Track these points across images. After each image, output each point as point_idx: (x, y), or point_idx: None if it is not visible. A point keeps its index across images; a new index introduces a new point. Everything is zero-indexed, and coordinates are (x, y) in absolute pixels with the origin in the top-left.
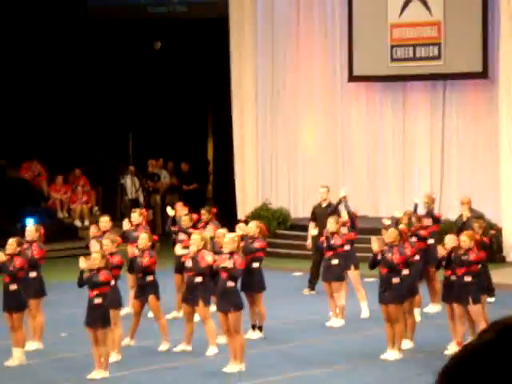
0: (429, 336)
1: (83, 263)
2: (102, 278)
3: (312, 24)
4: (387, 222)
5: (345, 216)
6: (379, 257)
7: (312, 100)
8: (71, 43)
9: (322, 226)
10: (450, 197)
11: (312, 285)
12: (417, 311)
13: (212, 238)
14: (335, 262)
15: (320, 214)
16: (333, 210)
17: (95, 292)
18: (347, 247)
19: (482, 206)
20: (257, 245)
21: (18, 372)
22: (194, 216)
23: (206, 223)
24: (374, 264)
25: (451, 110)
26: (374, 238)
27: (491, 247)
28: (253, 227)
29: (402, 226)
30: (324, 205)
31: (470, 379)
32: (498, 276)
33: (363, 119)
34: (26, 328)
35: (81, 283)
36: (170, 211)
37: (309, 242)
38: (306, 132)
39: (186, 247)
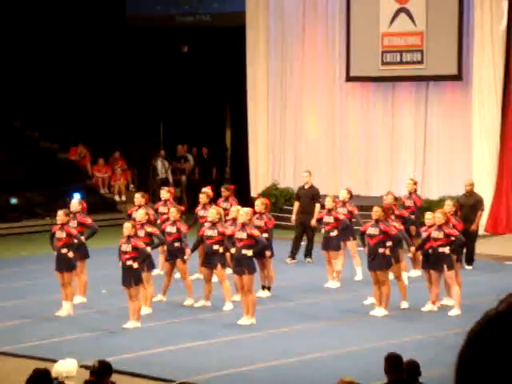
0: (410, 296)
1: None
2: (134, 244)
3: (316, 33)
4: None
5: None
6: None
7: (315, 96)
8: (113, 47)
9: (303, 205)
10: (430, 180)
11: (309, 253)
12: (405, 275)
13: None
14: (334, 233)
15: (303, 195)
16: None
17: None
18: (347, 222)
19: (457, 187)
20: (265, 219)
21: (67, 321)
22: (210, 193)
23: (226, 198)
24: (362, 238)
25: (432, 106)
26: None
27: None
28: (259, 204)
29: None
30: (306, 187)
31: (485, 348)
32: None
33: (358, 113)
34: (73, 285)
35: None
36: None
37: (293, 218)
38: (310, 123)
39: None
